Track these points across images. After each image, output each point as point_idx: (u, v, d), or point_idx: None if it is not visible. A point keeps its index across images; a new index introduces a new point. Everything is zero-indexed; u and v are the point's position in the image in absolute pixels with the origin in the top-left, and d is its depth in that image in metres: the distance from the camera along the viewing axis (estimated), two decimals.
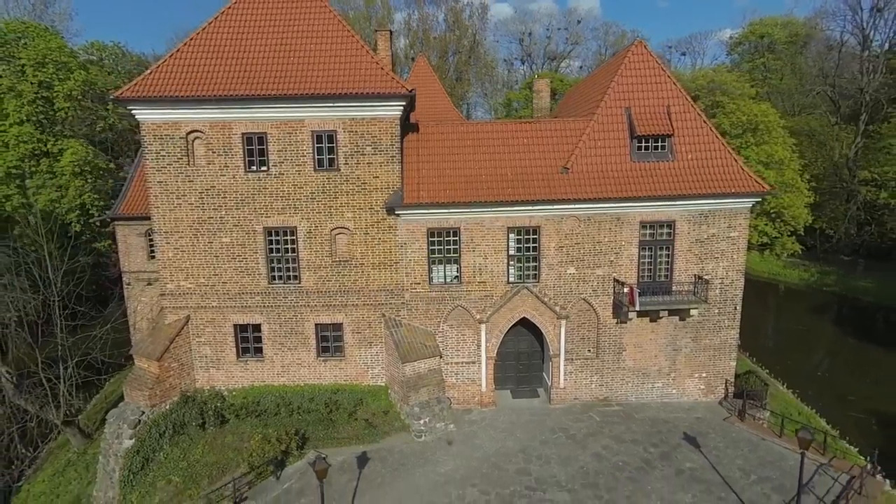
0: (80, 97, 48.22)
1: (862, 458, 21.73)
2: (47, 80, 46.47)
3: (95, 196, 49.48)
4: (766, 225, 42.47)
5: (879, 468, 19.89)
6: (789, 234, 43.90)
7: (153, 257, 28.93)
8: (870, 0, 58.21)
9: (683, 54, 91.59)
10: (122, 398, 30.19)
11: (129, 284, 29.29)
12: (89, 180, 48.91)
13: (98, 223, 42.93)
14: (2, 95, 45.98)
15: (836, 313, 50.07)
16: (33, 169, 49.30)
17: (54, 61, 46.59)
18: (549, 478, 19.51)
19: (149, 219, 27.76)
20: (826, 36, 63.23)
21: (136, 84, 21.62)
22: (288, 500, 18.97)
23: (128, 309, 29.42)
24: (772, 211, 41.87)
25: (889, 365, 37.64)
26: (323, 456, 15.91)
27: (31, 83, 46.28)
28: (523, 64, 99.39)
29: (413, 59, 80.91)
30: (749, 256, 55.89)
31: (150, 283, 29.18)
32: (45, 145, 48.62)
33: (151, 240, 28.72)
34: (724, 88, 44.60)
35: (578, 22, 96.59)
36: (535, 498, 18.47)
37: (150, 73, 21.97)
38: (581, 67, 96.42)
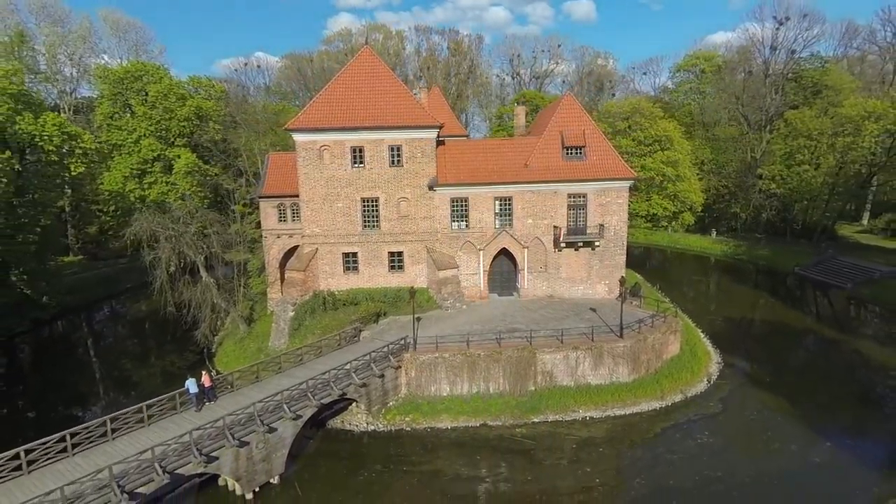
0: (191, 117, 66.83)
1: (686, 319, 40.69)
2: (170, 107, 65.07)
3: (199, 188, 68.08)
4: (669, 203, 61.61)
5: (685, 316, 38.72)
6: (688, 209, 62.93)
7: (281, 220, 47.65)
8: (770, 39, 77.57)
9: (645, 74, 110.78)
10: (254, 304, 48.63)
11: (265, 238, 47.89)
12: (196, 178, 67.44)
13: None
14: (137, 119, 64.73)
15: (737, 272, 69.31)
16: (149, 170, 67.96)
17: (174, 93, 65.23)
18: (515, 321, 38.33)
19: (279, 196, 46.70)
20: (743, 67, 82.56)
21: (295, 120, 40.46)
22: (383, 331, 37.75)
23: (264, 252, 48.08)
24: (671, 194, 60.92)
25: (751, 297, 57.42)
26: (414, 290, 34.56)
27: (158, 109, 64.90)
28: (513, 80, 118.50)
29: (421, 77, 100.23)
30: (685, 238, 75.94)
31: (279, 237, 47.81)
32: (163, 153, 67.29)
33: (280, 209, 47.43)
34: (642, 112, 63.93)
35: (559, 46, 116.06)
36: (506, 327, 37.24)
37: (302, 113, 40.74)
38: (563, 82, 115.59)
